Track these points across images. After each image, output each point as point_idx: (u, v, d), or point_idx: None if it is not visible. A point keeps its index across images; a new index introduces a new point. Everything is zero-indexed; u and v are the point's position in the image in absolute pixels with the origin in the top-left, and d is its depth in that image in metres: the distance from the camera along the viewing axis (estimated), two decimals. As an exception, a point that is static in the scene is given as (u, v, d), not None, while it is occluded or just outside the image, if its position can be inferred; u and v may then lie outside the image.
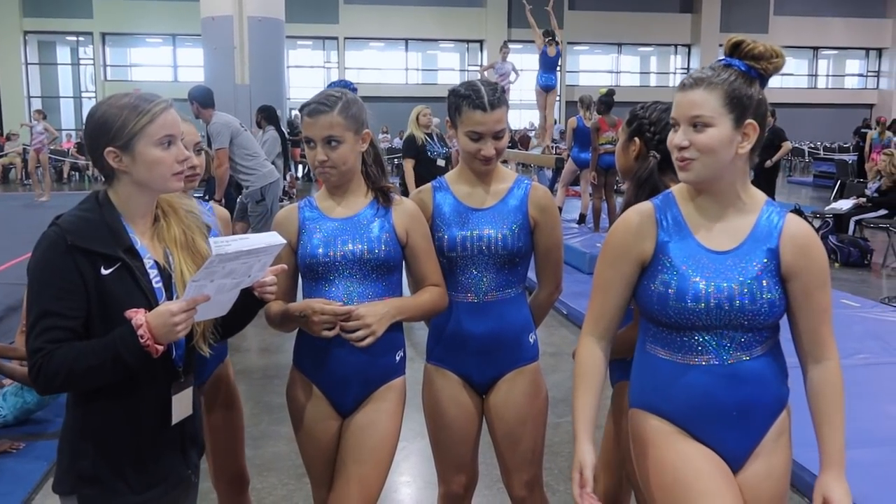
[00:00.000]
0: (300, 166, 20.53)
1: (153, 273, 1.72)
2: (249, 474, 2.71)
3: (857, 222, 9.45)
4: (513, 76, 11.81)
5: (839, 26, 28.66)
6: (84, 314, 1.63)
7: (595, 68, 29.24)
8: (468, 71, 27.68)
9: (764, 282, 1.69)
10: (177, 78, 25.63)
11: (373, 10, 25.77)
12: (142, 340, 1.58)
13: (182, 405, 1.79)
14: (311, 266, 2.14)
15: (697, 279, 1.68)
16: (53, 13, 23.95)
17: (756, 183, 8.96)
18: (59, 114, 25.99)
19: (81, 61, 26.51)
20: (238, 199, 7.29)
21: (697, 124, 1.66)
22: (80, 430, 1.73)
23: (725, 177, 1.70)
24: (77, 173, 20.88)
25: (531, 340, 2.33)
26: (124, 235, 1.70)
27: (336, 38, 26.54)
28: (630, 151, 2.24)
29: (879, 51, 29.95)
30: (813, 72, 30.51)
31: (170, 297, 1.72)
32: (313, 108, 2.11)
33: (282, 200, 10.42)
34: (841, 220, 9.48)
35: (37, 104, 23.68)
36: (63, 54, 26.93)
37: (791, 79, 30.42)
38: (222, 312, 1.76)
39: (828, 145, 24.48)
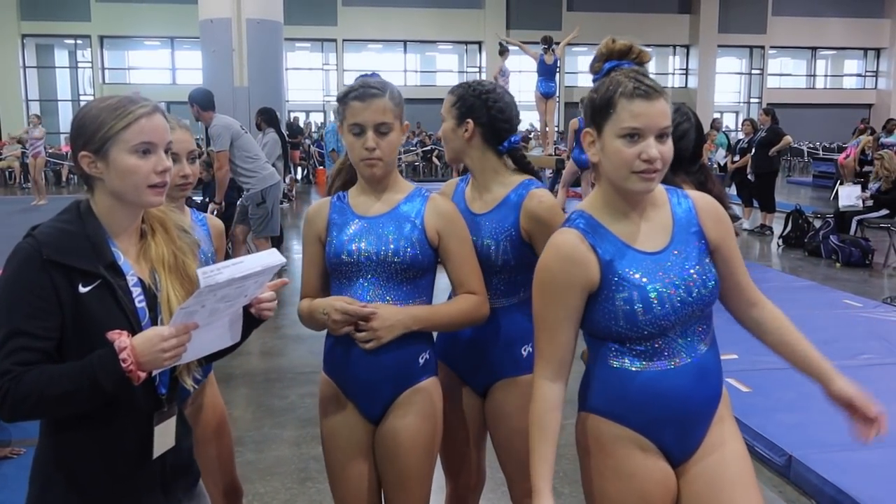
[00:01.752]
0: (300, 168, 20.53)
1: (136, 292, 1.57)
2: (251, 479, 2.70)
3: (859, 222, 9.44)
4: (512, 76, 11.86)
5: (837, 26, 28.68)
6: (58, 335, 1.49)
7: (593, 69, 29.23)
8: (467, 72, 27.68)
9: (706, 263, 1.71)
10: (175, 81, 25.63)
11: (371, 12, 25.78)
12: (123, 365, 1.43)
13: (164, 437, 1.63)
14: (336, 265, 2.07)
15: (657, 285, 1.65)
16: (51, 16, 23.93)
17: (757, 184, 8.96)
18: (58, 117, 25.96)
19: (79, 64, 26.49)
20: (238, 202, 7.28)
21: (664, 135, 1.63)
22: (51, 459, 1.60)
23: None
24: (75, 177, 20.84)
25: (524, 353, 2.22)
26: (106, 250, 1.55)
27: (334, 40, 26.55)
28: None
29: (878, 51, 29.97)
30: (811, 72, 30.52)
31: (154, 320, 1.58)
32: (363, 91, 1.99)
33: (282, 203, 10.41)
34: (842, 219, 9.46)
35: (35, 108, 23.70)
36: (61, 58, 26.92)
37: (789, 79, 30.46)
38: (224, 344, 1.64)
39: (827, 145, 24.48)
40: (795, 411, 4.08)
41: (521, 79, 12.19)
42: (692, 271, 1.69)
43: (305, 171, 21.07)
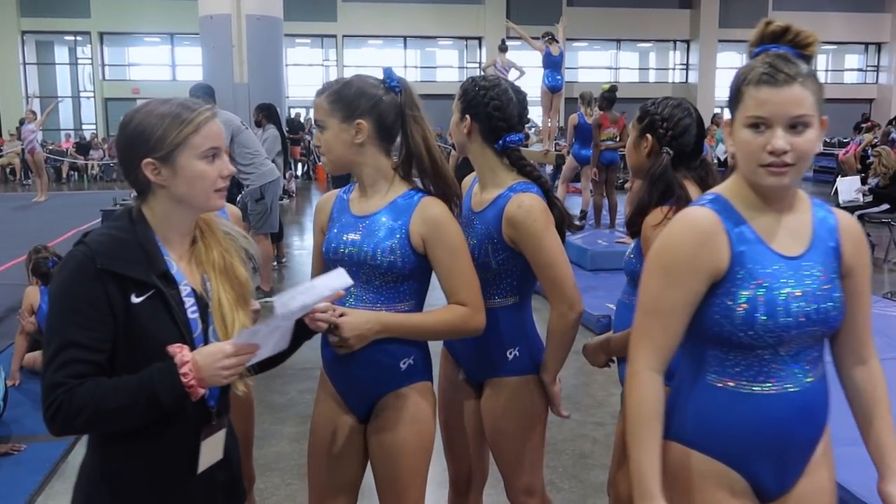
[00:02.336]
0: (300, 164, 20.52)
1: (189, 302, 1.54)
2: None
3: (860, 217, 9.43)
4: (514, 73, 11.75)
5: (838, 21, 28.62)
6: (110, 347, 1.45)
7: (594, 64, 29.20)
8: (467, 68, 27.64)
9: (837, 284, 1.56)
10: (175, 77, 25.60)
11: (371, 8, 25.74)
12: (184, 380, 1.41)
13: (211, 450, 1.60)
14: (327, 260, 2.06)
15: (785, 291, 1.49)
16: (51, 13, 23.90)
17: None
18: (58, 114, 25.93)
19: (79, 61, 26.46)
20: (238, 198, 7.28)
21: (798, 125, 1.47)
22: (97, 473, 1.55)
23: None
24: (76, 173, 20.86)
25: (509, 356, 2.20)
26: (159, 259, 1.52)
27: (334, 36, 26.51)
28: (642, 148, 2.21)
29: (878, 45, 29.91)
30: (813, 67, 30.41)
31: (205, 329, 1.56)
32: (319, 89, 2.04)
33: (281, 199, 10.42)
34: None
35: (35, 104, 23.68)
36: (61, 54, 26.89)
37: (790, 74, 30.39)
38: (276, 350, 1.60)
39: (827, 140, 24.42)
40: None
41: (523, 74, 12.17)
42: (825, 287, 1.53)
43: (306, 168, 21.07)
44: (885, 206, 9.39)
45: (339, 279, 1.60)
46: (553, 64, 10.91)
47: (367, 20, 25.90)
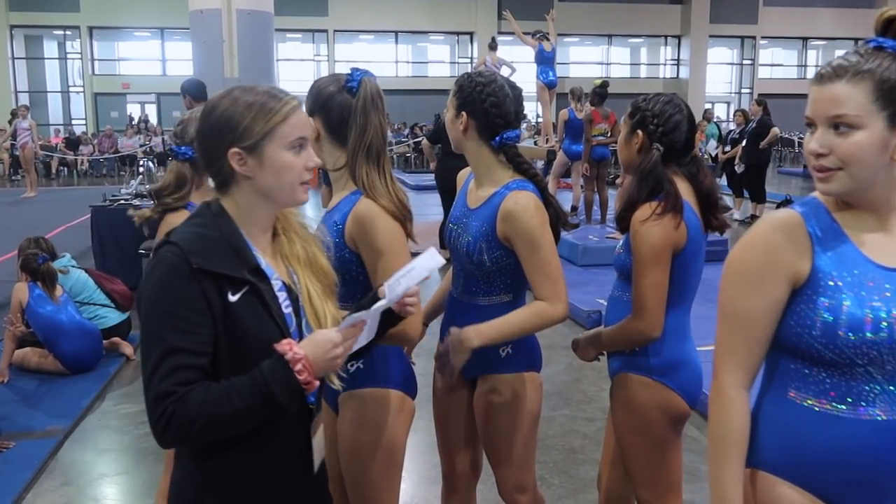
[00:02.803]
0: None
1: (282, 296, 1.48)
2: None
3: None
4: (506, 70, 11.74)
5: (828, 16, 28.72)
6: (212, 349, 1.39)
7: (585, 60, 29.23)
8: (458, 63, 27.62)
9: None
10: (165, 72, 25.49)
11: (362, 3, 25.68)
12: (300, 377, 1.36)
13: (319, 447, 1.56)
14: None
15: (876, 302, 1.35)
16: (40, 7, 23.76)
17: (748, 174, 9.00)
18: (47, 108, 25.83)
19: (69, 55, 26.31)
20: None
21: (840, 126, 1.34)
22: (199, 487, 1.46)
23: (879, 186, 1.38)
24: (66, 168, 20.75)
25: (502, 353, 2.20)
26: (248, 253, 1.46)
27: (326, 31, 26.44)
28: (633, 144, 2.21)
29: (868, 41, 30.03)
30: (802, 62, 30.58)
31: (299, 323, 1.51)
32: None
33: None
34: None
35: (24, 99, 23.53)
36: (50, 48, 26.72)
37: (780, 69, 30.52)
38: (368, 339, 1.58)
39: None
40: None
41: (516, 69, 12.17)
42: None
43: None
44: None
45: (432, 259, 1.54)
46: (546, 60, 10.90)
47: (359, 15, 25.84)
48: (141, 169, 20.40)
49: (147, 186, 8.96)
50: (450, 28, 27.29)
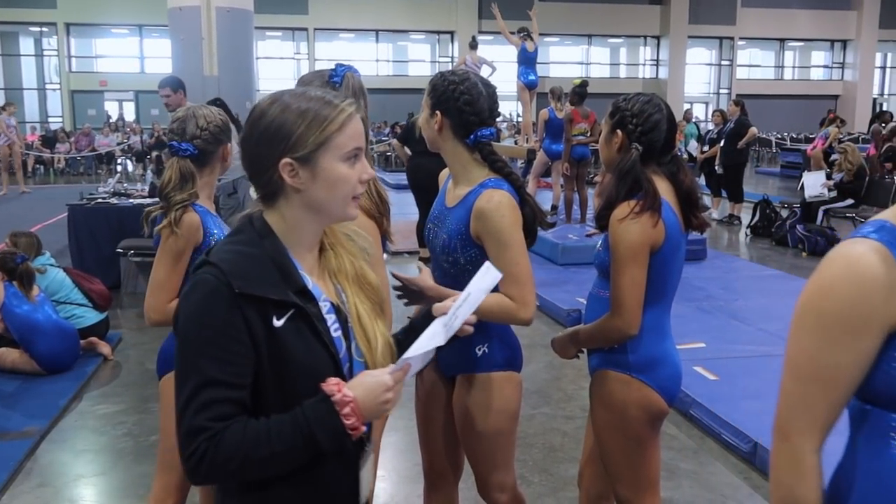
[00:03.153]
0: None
1: (331, 319, 1.37)
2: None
3: (825, 212, 9.60)
4: (486, 69, 11.74)
5: (805, 18, 29.02)
6: (251, 380, 1.28)
7: (565, 60, 29.33)
8: (439, 62, 27.62)
9: None
10: (143, 69, 25.28)
11: (343, 1, 25.61)
12: (347, 422, 1.26)
13: (367, 478, 1.45)
14: None
15: None
16: (16, 3, 23.45)
17: (726, 174, 9.03)
18: (23, 106, 25.49)
19: (45, 52, 26.02)
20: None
21: None
22: None
23: None
24: (42, 167, 20.51)
25: (479, 352, 2.19)
26: (295, 273, 1.34)
27: (306, 30, 26.35)
28: (613, 144, 2.23)
29: (844, 42, 30.37)
30: (780, 63, 30.88)
31: (349, 346, 1.39)
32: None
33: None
34: (809, 209, 9.62)
35: (-1, 96, 23.26)
36: (26, 45, 26.42)
37: (758, 70, 30.80)
38: (426, 363, 1.49)
39: (794, 136, 24.80)
40: (761, 399, 4.14)
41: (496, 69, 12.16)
42: None
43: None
44: (850, 202, 9.55)
45: (488, 275, 1.47)
46: (528, 60, 10.92)
47: (339, 13, 25.77)
48: (119, 167, 20.29)
49: (125, 185, 8.91)
50: (430, 27, 27.29)
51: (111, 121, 23.92)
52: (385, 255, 1.58)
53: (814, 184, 9.79)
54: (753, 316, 5.87)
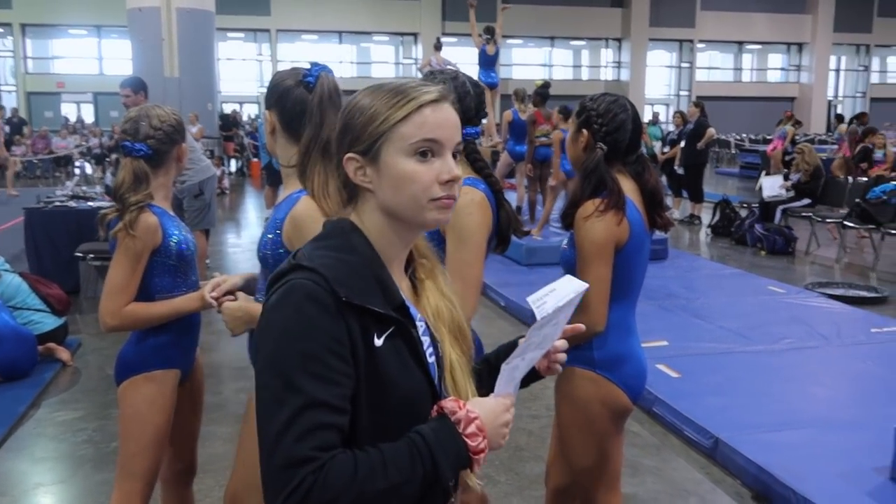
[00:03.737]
0: (233, 161, 20.17)
1: (426, 342, 1.21)
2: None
3: (783, 211, 9.78)
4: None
5: (762, 22, 29.58)
6: (350, 404, 1.11)
7: (528, 62, 29.51)
8: (402, 64, 27.61)
9: None
10: (102, 71, 24.89)
11: (305, 2, 25.48)
12: (471, 442, 1.11)
13: None
14: None
15: None
16: (-32, 3, 22.98)
17: (686, 175, 9.16)
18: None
19: (0, 54, 25.46)
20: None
21: None
22: None
23: None
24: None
25: None
26: (393, 287, 1.18)
27: (268, 31, 26.15)
28: (579, 143, 2.25)
29: (800, 45, 31.01)
30: (738, 66, 31.42)
31: (441, 376, 1.24)
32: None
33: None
34: (767, 209, 9.80)
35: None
36: (-20, 46, 25.86)
37: (717, 72, 31.29)
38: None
39: (753, 137, 25.23)
40: (722, 395, 4.22)
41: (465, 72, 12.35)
42: None
43: (240, 164, 20.72)
44: (807, 201, 9.75)
45: (571, 282, 1.32)
46: (487, 62, 11.03)
47: (302, 15, 25.63)
48: (77, 170, 19.93)
49: (84, 188, 8.76)
50: (394, 29, 27.26)
51: (69, 123, 23.50)
52: None
53: (772, 185, 9.98)
54: (714, 314, 5.96)
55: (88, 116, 25.27)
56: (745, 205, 10.88)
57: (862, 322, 5.81)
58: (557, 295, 1.27)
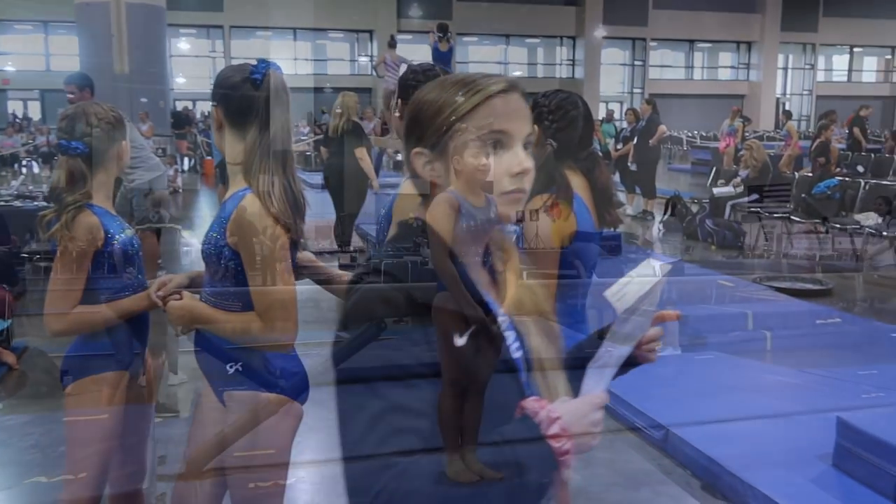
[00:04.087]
0: (186, 159, 19.86)
1: (510, 337, 1.18)
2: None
3: (732, 207, 9.97)
4: (404, 68, 11.77)
5: (713, 20, 30.06)
6: None
7: (484, 60, 29.58)
8: (358, 62, 27.47)
9: None
10: (49, 67, 24.28)
11: (259, -2, 25.19)
12: (556, 444, 1.05)
13: None
14: None
15: None
16: None
17: (639, 171, 9.26)
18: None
19: (-59, 49, 24.74)
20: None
21: None
22: None
23: None
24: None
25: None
26: (470, 282, 1.12)
27: (221, 27, 25.79)
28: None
29: (749, 44, 31.63)
30: (689, 64, 31.92)
31: (528, 369, 1.21)
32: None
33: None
34: (717, 205, 9.98)
35: None
36: (-80, 41, 25.05)
37: (669, 70, 31.75)
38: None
39: (704, 134, 25.66)
40: (672, 388, 4.29)
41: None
42: None
43: (193, 162, 20.41)
44: (755, 197, 9.96)
45: (647, 268, 1.31)
46: (441, 59, 11.05)
47: (255, 11, 25.28)
48: (24, 169, 19.42)
49: (30, 187, 8.56)
50: (349, 26, 27.10)
51: (16, 121, 22.88)
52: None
53: (723, 192, 10.20)
54: (666, 307, 6.04)
55: (35, 114, 24.64)
56: (696, 200, 11.07)
57: (807, 314, 5.96)
58: (637, 284, 1.24)
